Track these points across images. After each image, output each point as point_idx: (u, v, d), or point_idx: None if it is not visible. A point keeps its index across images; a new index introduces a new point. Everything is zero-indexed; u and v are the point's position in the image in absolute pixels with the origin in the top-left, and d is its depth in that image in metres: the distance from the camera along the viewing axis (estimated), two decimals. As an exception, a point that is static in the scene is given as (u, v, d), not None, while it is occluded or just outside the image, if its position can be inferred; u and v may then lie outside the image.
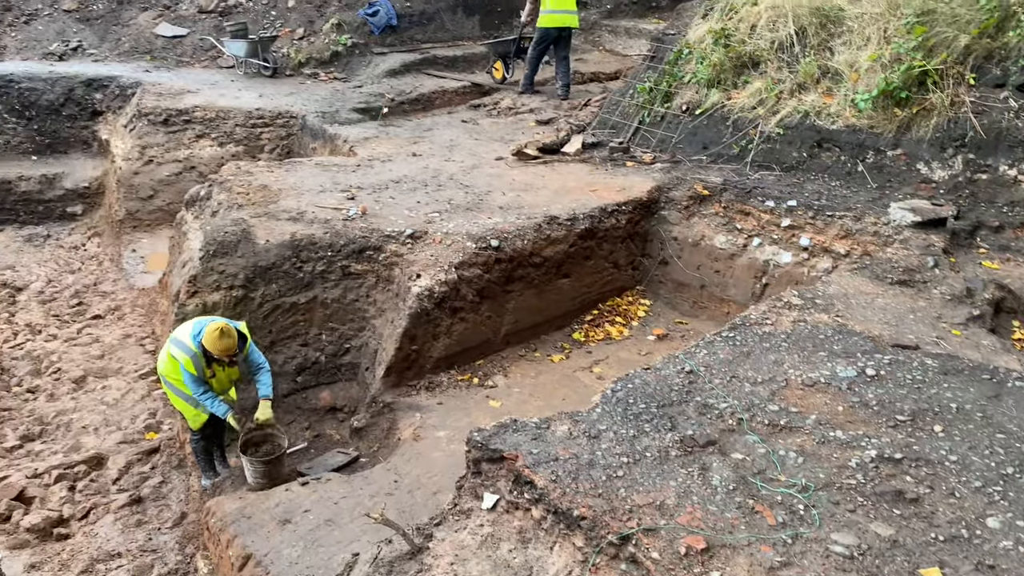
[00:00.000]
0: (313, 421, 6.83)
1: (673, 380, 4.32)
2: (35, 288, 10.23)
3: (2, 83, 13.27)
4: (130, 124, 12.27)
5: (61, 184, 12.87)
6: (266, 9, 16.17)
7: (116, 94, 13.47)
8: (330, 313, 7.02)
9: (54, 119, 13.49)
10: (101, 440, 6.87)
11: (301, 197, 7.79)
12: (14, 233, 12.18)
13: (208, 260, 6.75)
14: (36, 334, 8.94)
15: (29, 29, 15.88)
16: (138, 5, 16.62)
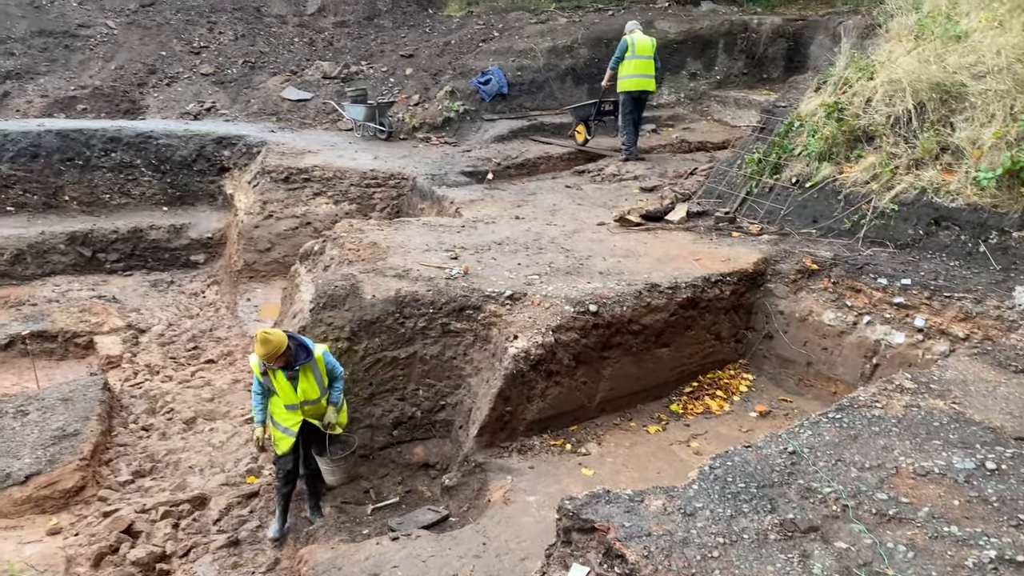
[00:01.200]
0: (406, 476, 6.90)
1: (775, 460, 4.15)
2: (156, 331, 10.85)
3: (143, 139, 14.37)
4: (254, 180, 13.02)
5: (187, 234, 13.72)
6: (385, 76, 17.02)
7: (243, 152, 14.36)
8: (428, 369, 7.13)
9: (186, 173, 14.48)
10: (205, 481, 7.14)
11: (407, 255, 8.03)
12: (142, 278, 13.02)
13: (318, 312, 7.01)
14: (154, 374, 9.45)
15: (170, 91, 17.23)
16: (268, 70, 17.82)
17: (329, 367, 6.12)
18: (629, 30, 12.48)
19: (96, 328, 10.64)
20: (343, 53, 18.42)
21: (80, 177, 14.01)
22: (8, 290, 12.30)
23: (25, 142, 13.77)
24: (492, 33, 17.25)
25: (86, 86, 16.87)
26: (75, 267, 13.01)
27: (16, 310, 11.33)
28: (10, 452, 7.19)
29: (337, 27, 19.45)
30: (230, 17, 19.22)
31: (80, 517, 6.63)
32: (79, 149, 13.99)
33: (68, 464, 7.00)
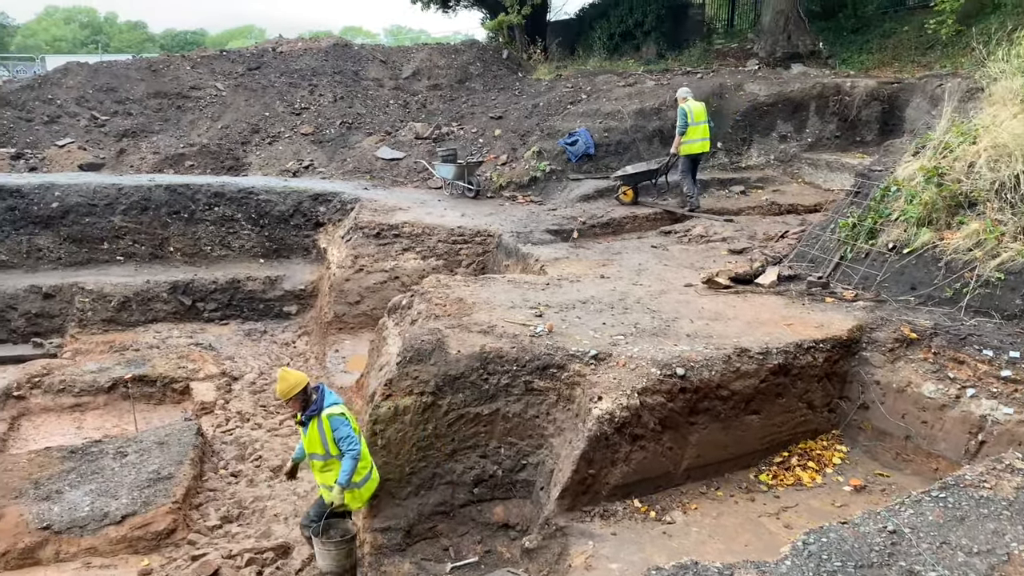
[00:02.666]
0: (485, 536, 6.84)
1: (874, 539, 3.95)
2: (248, 379, 11.21)
3: (244, 195, 15.10)
4: (347, 235, 13.46)
5: (281, 285, 14.24)
6: (475, 137, 17.47)
7: (337, 208, 14.90)
8: (510, 427, 7.10)
9: (283, 227, 15.10)
10: (289, 530, 7.25)
11: (492, 311, 8.10)
12: (237, 327, 13.53)
13: (404, 365, 7.10)
14: (244, 422, 9.74)
15: (271, 149, 18.11)
16: (364, 130, 18.55)
17: (335, 432, 6.04)
18: (683, 97, 13.28)
19: (192, 374, 11.07)
20: (435, 115, 19.03)
21: (185, 229, 14.80)
22: (114, 335, 12.98)
23: (137, 196, 14.68)
24: (580, 96, 17.54)
25: (194, 144, 17.90)
26: (176, 315, 13.65)
27: (120, 355, 11.92)
28: (108, 492, 7.49)
29: (430, 90, 20.15)
30: (330, 80, 20.17)
31: (170, 560, 6.81)
32: (185, 203, 14.80)
33: (161, 507, 7.24)
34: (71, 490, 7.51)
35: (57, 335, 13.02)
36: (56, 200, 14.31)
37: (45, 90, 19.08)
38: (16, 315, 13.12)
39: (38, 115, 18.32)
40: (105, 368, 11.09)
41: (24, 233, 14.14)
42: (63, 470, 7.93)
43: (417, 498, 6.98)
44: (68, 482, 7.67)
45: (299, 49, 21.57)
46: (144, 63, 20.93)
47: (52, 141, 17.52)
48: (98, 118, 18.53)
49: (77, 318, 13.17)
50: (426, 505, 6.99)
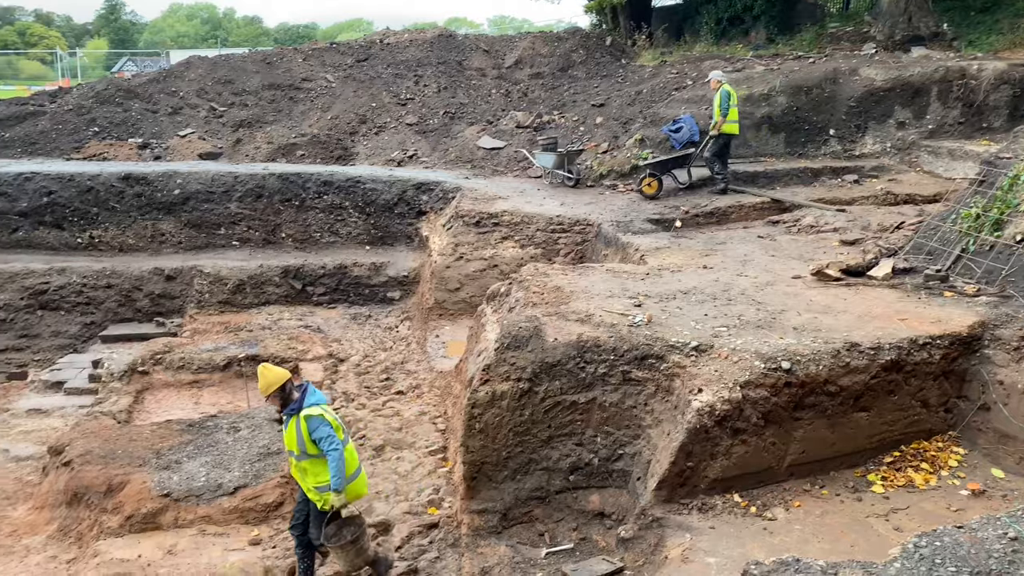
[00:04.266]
0: (580, 523, 6.84)
1: (993, 545, 3.73)
2: (353, 361, 11.56)
3: (352, 183, 15.55)
4: (448, 224, 13.67)
5: (385, 272, 14.61)
6: (576, 125, 17.39)
7: (439, 197, 15.14)
8: (607, 416, 7.07)
9: (387, 216, 15.48)
10: (390, 508, 7.45)
11: (590, 300, 8.07)
12: (344, 311, 13.98)
13: (502, 352, 7.17)
14: (350, 402, 10.06)
15: (378, 139, 18.56)
16: (466, 120, 18.76)
17: (313, 432, 5.79)
18: (718, 80, 13.58)
19: (302, 355, 11.50)
20: (536, 103, 19.05)
21: (296, 216, 15.37)
22: (228, 316, 13.64)
23: (252, 184, 15.34)
24: (685, 82, 17.19)
25: (305, 134, 18.54)
26: (287, 298, 14.21)
27: (234, 335, 12.52)
28: (222, 464, 7.89)
29: (532, 78, 20.17)
30: (435, 71, 20.49)
31: (277, 531, 7.12)
32: (296, 191, 15.37)
33: (271, 480, 7.57)
34: (189, 461, 7.95)
35: (177, 315, 13.79)
36: (178, 187, 15.12)
37: (169, 83, 20.17)
38: (141, 295, 13.96)
39: (163, 107, 19.39)
40: (221, 347, 11.66)
41: (149, 218, 15.02)
42: (182, 442, 8.40)
43: (513, 482, 7.05)
44: (186, 453, 8.12)
45: (405, 40, 22.00)
46: (259, 56, 21.81)
47: (175, 131, 18.52)
48: (216, 109, 19.45)
49: (196, 299, 13.91)
50: (522, 490, 7.05)
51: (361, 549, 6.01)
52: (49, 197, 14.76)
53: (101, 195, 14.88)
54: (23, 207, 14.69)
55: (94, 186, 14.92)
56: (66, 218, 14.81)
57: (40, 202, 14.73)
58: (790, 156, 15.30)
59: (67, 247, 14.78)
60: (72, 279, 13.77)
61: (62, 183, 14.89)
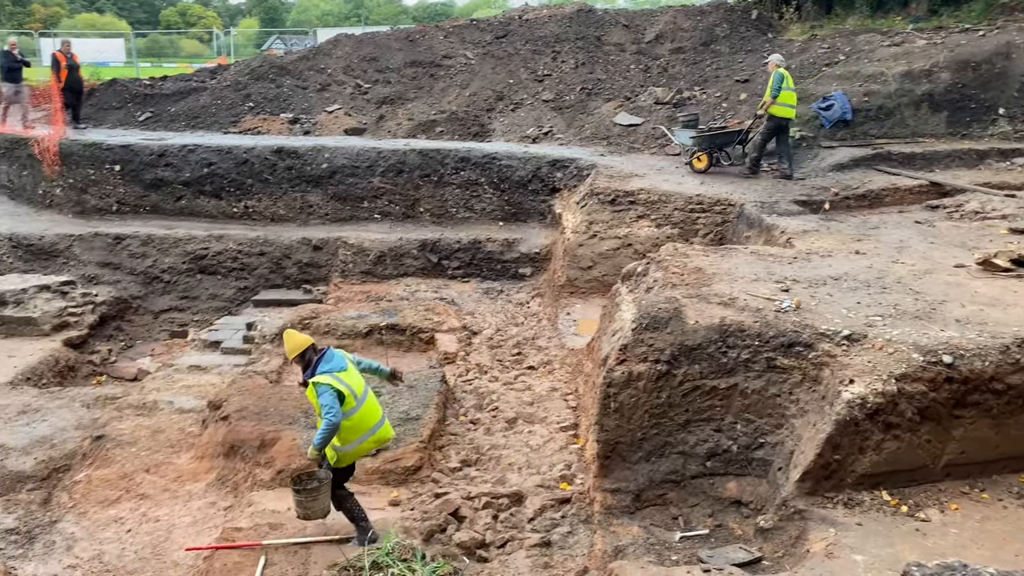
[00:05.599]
0: (716, 510, 6.72)
1: None
2: (486, 334, 11.77)
3: (488, 160, 15.73)
4: (582, 201, 13.62)
5: (517, 248, 14.74)
6: (718, 102, 16.87)
7: (574, 174, 15.09)
8: (748, 404, 6.88)
9: (521, 192, 15.57)
10: (523, 479, 7.57)
11: (733, 283, 7.85)
12: (477, 285, 14.23)
13: (639, 332, 7.10)
14: (483, 374, 10.26)
15: (514, 116, 18.68)
16: (603, 96, 18.57)
17: (319, 398, 6.02)
18: (776, 63, 13.52)
19: (437, 326, 11.82)
20: (677, 79, 18.59)
21: (434, 192, 15.73)
22: (370, 286, 14.18)
23: (394, 159, 15.80)
24: (837, 57, 16.30)
25: (444, 111, 18.90)
26: (423, 271, 14.62)
27: (375, 304, 13.00)
28: (365, 427, 8.23)
29: (673, 53, 19.69)
30: (572, 46, 20.35)
31: (415, 494, 7.38)
32: (435, 167, 15.71)
33: (410, 445, 7.84)
34: (334, 422, 8.36)
35: (322, 283, 14.48)
36: (326, 162, 15.78)
37: (318, 60, 21.01)
38: (290, 263, 14.74)
39: (312, 83, 20.24)
40: (363, 315, 12.14)
41: (299, 190, 15.77)
42: (327, 404, 8.83)
43: (648, 464, 7.00)
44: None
45: (544, 16, 21.93)
46: (402, 34, 22.35)
47: (323, 107, 19.30)
48: (361, 86, 20.12)
49: (340, 269, 14.54)
50: (656, 472, 6.99)
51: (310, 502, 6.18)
52: (209, 168, 15.75)
53: (255, 167, 15.74)
54: (186, 177, 15.76)
55: (249, 159, 15.79)
56: (224, 188, 15.77)
57: (201, 173, 15.75)
58: (952, 137, 14.26)
59: (224, 216, 15.75)
60: (229, 246, 14.70)
61: (221, 155, 15.86)
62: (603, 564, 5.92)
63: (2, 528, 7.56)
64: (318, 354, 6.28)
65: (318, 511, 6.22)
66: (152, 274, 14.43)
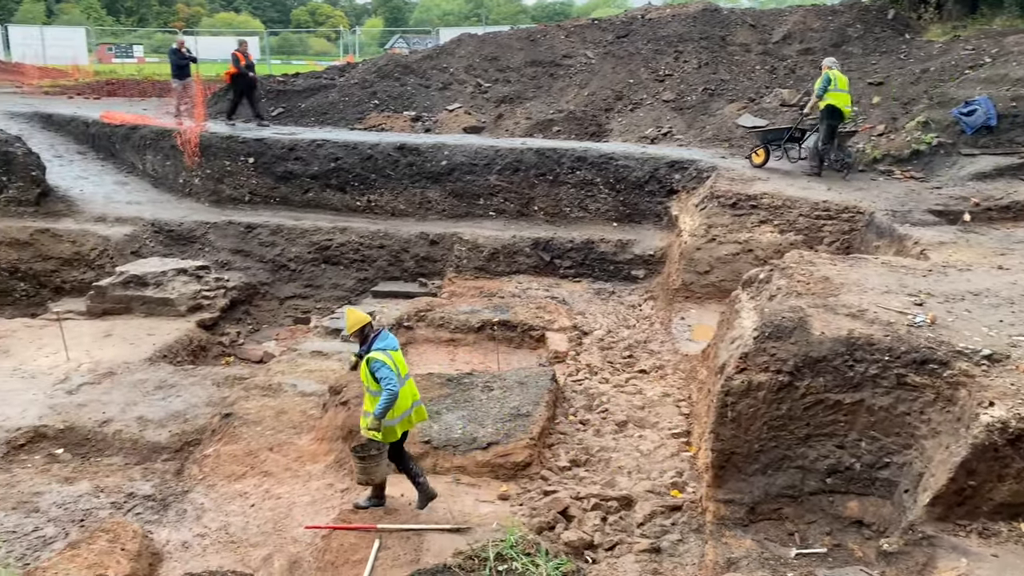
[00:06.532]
0: (835, 529, 6.48)
1: None
2: (597, 335, 11.73)
3: (604, 160, 15.67)
4: (701, 204, 13.36)
5: (631, 249, 14.62)
6: (848, 105, 16.15)
7: (693, 176, 14.82)
8: (874, 421, 6.59)
9: (637, 193, 15.43)
10: (632, 484, 7.51)
11: (863, 295, 7.53)
12: (588, 285, 14.21)
13: (762, 341, 6.92)
14: (593, 375, 10.23)
15: (632, 116, 18.52)
16: (726, 97, 18.14)
17: (375, 372, 6.50)
18: (827, 66, 13.63)
19: (548, 325, 11.87)
20: (804, 81, 17.94)
21: (548, 191, 15.80)
22: (482, 282, 14.40)
23: (510, 158, 15.96)
24: (982, 59, 15.33)
25: (562, 110, 18.94)
26: (535, 269, 14.72)
27: (488, 300, 13.18)
28: (476, 420, 8.37)
29: (800, 54, 19.03)
30: (696, 46, 19.98)
31: (524, 490, 7.45)
32: (551, 166, 15.77)
33: (520, 440, 7.92)
34: (447, 413, 8.54)
35: (437, 277, 14.80)
36: (445, 159, 16.11)
37: (441, 59, 21.47)
38: (408, 257, 15.15)
39: (434, 82, 20.70)
40: (476, 311, 12.34)
41: (418, 187, 16.16)
42: (441, 395, 9.03)
43: (764, 477, 6.82)
44: (445, 406, 8.72)
45: (667, 16, 21.64)
46: (524, 33, 22.53)
47: (444, 105, 19.71)
48: (482, 85, 20.41)
49: (454, 264, 14.83)
50: (772, 485, 6.80)
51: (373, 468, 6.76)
52: (336, 163, 16.36)
53: (379, 163, 16.23)
54: (314, 171, 16.42)
55: (373, 154, 16.30)
56: (349, 183, 16.34)
57: (328, 167, 16.38)
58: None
59: (348, 209, 16.32)
60: (351, 238, 15.24)
61: (347, 150, 16.44)
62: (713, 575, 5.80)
63: (140, 494, 8.11)
64: (374, 332, 6.80)
65: (378, 476, 6.85)
66: (279, 262, 15.13)
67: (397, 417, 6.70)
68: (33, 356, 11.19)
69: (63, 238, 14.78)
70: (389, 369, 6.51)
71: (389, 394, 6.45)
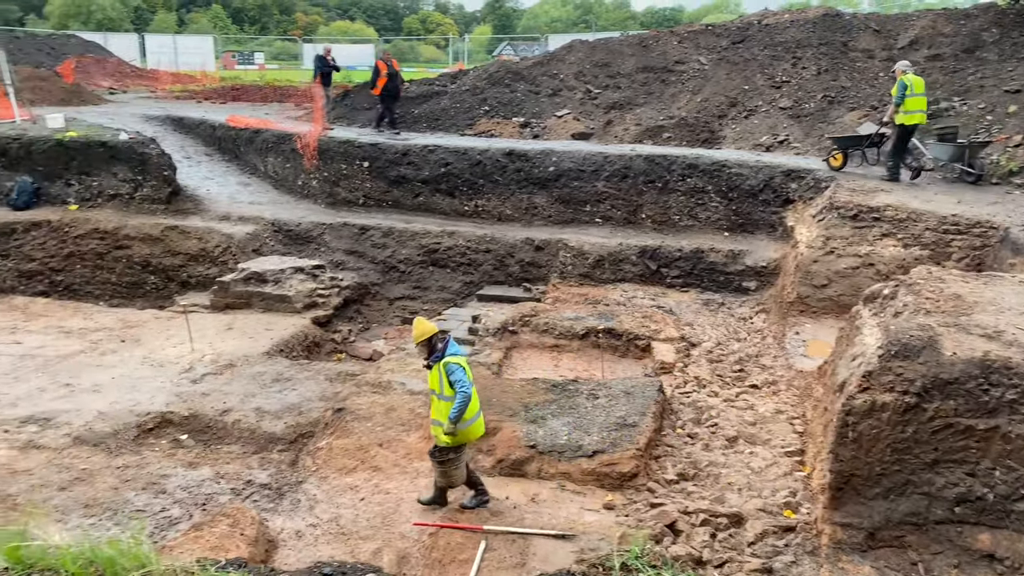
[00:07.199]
0: (963, 561, 6.10)
1: None
2: (706, 347, 11.48)
3: (717, 167, 15.35)
4: (819, 215, 12.88)
5: (743, 260, 14.25)
6: (981, 114, 15.32)
7: (810, 185, 14.33)
8: (1011, 449, 6.18)
9: (750, 202, 15.05)
10: (743, 501, 7.30)
11: (999, 315, 7.08)
12: (696, 295, 13.94)
13: (887, 360, 6.60)
14: (701, 387, 10.02)
15: (746, 123, 18.06)
16: (846, 105, 17.48)
17: (450, 376, 6.76)
18: (902, 70, 13.61)
19: (654, 334, 11.70)
20: (933, 88, 17.02)
21: (657, 198, 15.61)
22: (586, 289, 14.34)
23: (619, 164, 15.86)
24: None
25: (673, 116, 18.68)
26: (641, 277, 14.56)
27: (592, 307, 13.12)
28: (582, 427, 8.33)
29: (929, 60, 18.09)
30: (815, 52, 19.32)
31: (630, 501, 7.35)
32: (660, 173, 15.58)
33: (626, 450, 7.83)
34: (552, 419, 8.53)
35: (541, 283, 14.84)
36: (552, 165, 16.15)
37: (551, 66, 21.55)
38: (513, 262, 15.26)
39: (544, 88, 20.80)
40: (580, 318, 12.30)
41: (525, 192, 16.27)
42: (546, 400, 9.03)
43: (885, 501, 6.51)
44: (550, 411, 8.72)
45: (785, 21, 21.01)
46: (635, 39, 22.36)
47: (552, 111, 19.78)
48: (592, 91, 20.37)
49: (559, 270, 14.84)
50: (895, 511, 6.48)
51: (453, 470, 7.11)
52: (446, 168, 16.66)
53: (487, 168, 16.43)
54: (425, 175, 16.78)
55: (482, 160, 16.52)
56: (457, 187, 16.61)
57: (438, 172, 16.70)
58: None
59: (456, 213, 16.60)
60: (458, 242, 15.48)
61: (457, 156, 16.72)
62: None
63: (257, 482, 8.46)
64: (443, 341, 7.06)
65: (457, 478, 7.20)
66: (390, 264, 15.53)
67: (469, 420, 6.99)
68: (161, 346, 11.86)
69: (190, 235, 15.63)
70: (464, 372, 6.86)
71: (464, 397, 6.76)
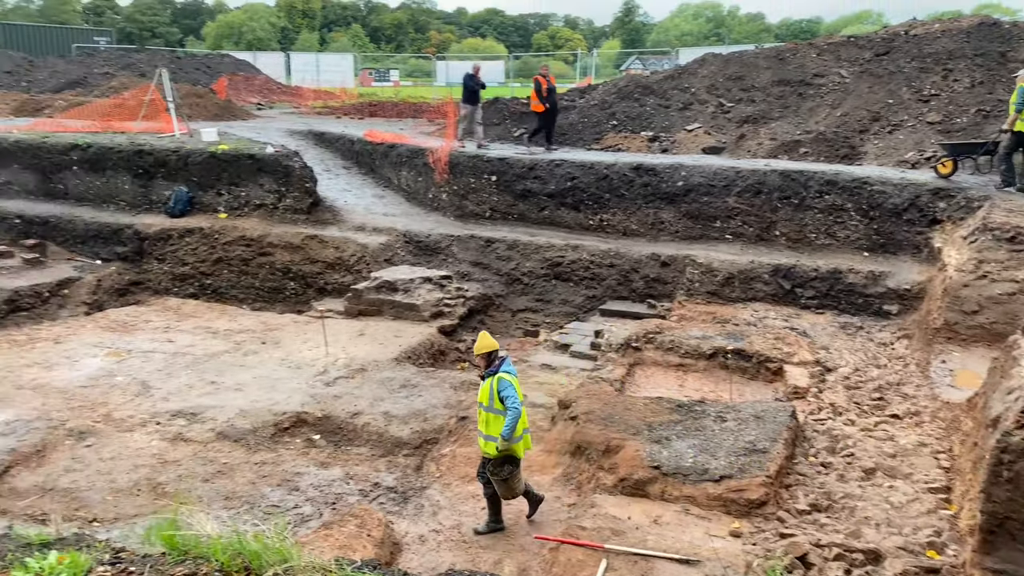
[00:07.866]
0: None
1: None
2: (842, 372, 10.92)
3: (857, 184, 14.65)
4: (971, 236, 12.04)
5: (884, 282, 13.51)
6: None
7: (961, 205, 13.47)
8: None
9: (893, 222, 14.26)
10: (881, 537, 6.86)
11: None
12: (832, 318, 13.30)
13: (1051, 395, 6.06)
14: (837, 415, 9.52)
15: (890, 138, 17.16)
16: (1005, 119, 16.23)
17: (501, 391, 7.04)
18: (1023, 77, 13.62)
19: (787, 357, 11.25)
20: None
21: (792, 215, 15.04)
22: (714, 307, 13.97)
23: (752, 179, 15.40)
24: None
25: (811, 131, 17.97)
26: (773, 297, 14.04)
27: (721, 326, 12.76)
28: (708, 451, 8.08)
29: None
30: (969, 63, 18.14)
31: (759, 530, 7.06)
32: (796, 189, 15.01)
33: (755, 477, 7.53)
34: (677, 440, 8.32)
35: (667, 299, 14.58)
36: (681, 179, 15.88)
37: (682, 80, 21.24)
38: (637, 277, 15.08)
39: (674, 102, 20.52)
40: (707, 336, 11.98)
41: (652, 207, 16.06)
42: (671, 420, 8.82)
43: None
44: (675, 432, 8.51)
45: (935, 31, 19.84)
46: (771, 52, 21.72)
47: (682, 126, 19.47)
48: (724, 105, 19.92)
49: (685, 287, 14.53)
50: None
51: (515, 482, 7.39)
52: (572, 182, 16.69)
53: (613, 182, 16.34)
54: (551, 189, 16.87)
55: (609, 174, 16.44)
56: (582, 201, 16.60)
57: (564, 186, 16.75)
58: None
59: (580, 227, 16.58)
60: (582, 256, 15.46)
61: (583, 170, 16.72)
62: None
63: (384, 485, 8.71)
64: (500, 358, 7.36)
65: (520, 488, 7.48)
66: (514, 276, 15.68)
67: (518, 436, 7.27)
68: (298, 348, 12.44)
69: (328, 244, 16.35)
70: (514, 389, 7.17)
71: (515, 413, 7.06)
